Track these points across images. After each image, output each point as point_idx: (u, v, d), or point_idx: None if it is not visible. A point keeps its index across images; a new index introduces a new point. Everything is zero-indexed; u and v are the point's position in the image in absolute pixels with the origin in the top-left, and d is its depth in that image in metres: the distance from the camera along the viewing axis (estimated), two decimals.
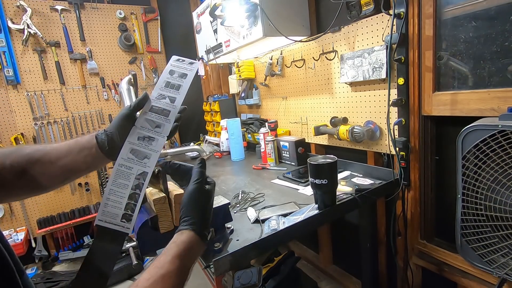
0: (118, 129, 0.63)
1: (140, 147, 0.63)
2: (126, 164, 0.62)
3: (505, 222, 0.80)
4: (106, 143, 0.61)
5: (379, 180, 1.26)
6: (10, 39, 2.21)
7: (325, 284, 1.79)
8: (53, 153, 0.60)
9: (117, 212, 0.60)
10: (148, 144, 0.63)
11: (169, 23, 2.86)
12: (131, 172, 0.61)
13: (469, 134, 0.82)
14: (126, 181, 0.61)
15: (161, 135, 0.64)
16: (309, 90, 1.65)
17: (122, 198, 0.61)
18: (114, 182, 0.61)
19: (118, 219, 0.60)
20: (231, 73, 2.48)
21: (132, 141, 0.63)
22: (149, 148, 0.63)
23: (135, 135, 0.63)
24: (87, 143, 0.62)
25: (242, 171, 1.73)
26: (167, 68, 0.70)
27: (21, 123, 2.31)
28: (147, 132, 0.64)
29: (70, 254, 2.42)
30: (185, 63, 0.72)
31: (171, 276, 0.47)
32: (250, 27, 1.42)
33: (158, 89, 0.68)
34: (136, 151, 0.63)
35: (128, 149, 0.62)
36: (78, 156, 0.61)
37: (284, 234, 0.90)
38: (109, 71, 2.62)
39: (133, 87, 1.06)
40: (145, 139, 0.63)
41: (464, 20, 0.96)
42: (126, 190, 0.61)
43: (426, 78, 1.07)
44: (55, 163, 0.60)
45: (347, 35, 1.34)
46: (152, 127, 0.65)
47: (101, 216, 0.60)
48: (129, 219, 0.60)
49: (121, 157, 0.62)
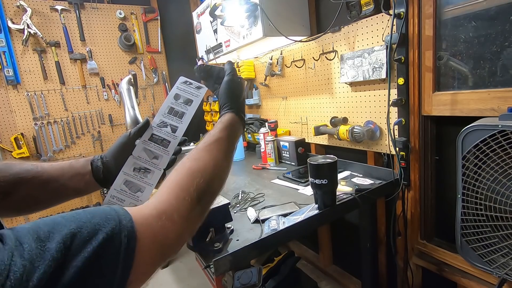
0: (115, 157, 0.62)
1: (134, 179, 0.61)
2: (118, 196, 0.60)
3: (505, 222, 0.80)
4: (101, 171, 0.61)
5: (379, 180, 1.26)
6: (10, 39, 2.21)
7: (325, 284, 1.79)
8: (44, 176, 0.58)
9: None
10: (144, 176, 0.61)
11: (169, 23, 2.86)
12: (123, 205, 0.59)
13: (469, 134, 0.82)
14: None
15: (157, 167, 0.62)
16: (309, 90, 1.65)
17: None
18: None
19: None
20: None
21: (127, 171, 0.61)
22: (144, 181, 0.61)
23: (131, 165, 0.61)
24: (81, 169, 0.60)
25: (242, 171, 1.73)
26: (173, 91, 0.68)
27: (21, 123, 2.31)
28: (143, 163, 0.62)
29: None
30: (192, 86, 0.68)
31: (223, 140, 0.56)
32: (250, 27, 1.42)
33: (161, 115, 0.66)
34: (130, 183, 0.61)
35: (122, 180, 0.60)
36: (70, 182, 0.59)
37: (284, 234, 0.90)
38: (109, 71, 2.62)
39: (133, 87, 1.06)
40: (141, 171, 0.62)
41: (464, 20, 0.96)
42: None
43: (426, 78, 1.07)
44: (44, 186, 0.58)
45: (347, 35, 1.34)
46: (149, 158, 0.62)
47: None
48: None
49: (114, 188, 0.60)
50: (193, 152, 0.53)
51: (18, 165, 0.57)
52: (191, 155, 0.53)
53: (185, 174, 0.48)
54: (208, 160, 0.52)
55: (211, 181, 0.49)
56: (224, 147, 0.56)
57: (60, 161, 0.62)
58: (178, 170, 0.49)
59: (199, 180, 0.47)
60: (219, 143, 0.55)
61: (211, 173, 0.50)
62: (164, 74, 2.86)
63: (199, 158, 0.52)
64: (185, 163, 0.51)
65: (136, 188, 0.61)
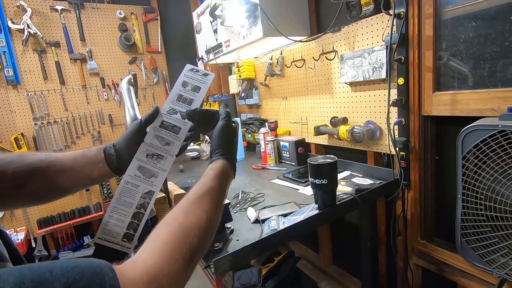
0: (127, 144, 0.62)
1: (148, 164, 0.62)
2: (132, 182, 0.60)
3: (505, 222, 0.80)
4: (115, 158, 0.61)
5: (379, 180, 1.26)
6: (10, 39, 2.21)
7: (325, 284, 1.79)
8: (57, 165, 0.58)
9: (118, 231, 0.58)
10: (157, 162, 0.62)
11: (169, 23, 2.86)
12: (137, 191, 0.60)
13: (469, 134, 0.82)
14: (131, 200, 0.60)
15: (170, 153, 0.63)
16: (309, 90, 1.65)
17: (126, 217, 0.59)
18: (118, 200, 0.60)
19: (119, 238, 0.58)
20: (231, 73, 2.48)
21: (140, 158, 0.62)
22: (157, 167, 0.62)
23: (144, 152, 0.62)
24: (94, 157, 0.60)
25: (242, 171, 1.73)
26: (180, 78, 0.68)
27: (21, 123, 2.31)
28: (156, 149, 0.63)
29: (70, 254, 2.42)
30: (199, 74, 0.69)
31: (215, 191, 0.54)
32: (250, 27, 1.42)
33: (170, 103, 0.66)
34: (143, 168, 0.61)
35: (136, 166, 0.61)
36: (83, 170, 0.60)
37: (284, 234, 0.90)
38: (109, 71, 2.62)
39: (133, 87, 1.06)
40: (154, 157, 0.62)
41: (464, 20, 0.96)
42: (131, 208, 0.60)
43: (426, 78, 1.07)
44: (58, 176, 0.58)
45: (347, 35, 1.34)
46: (161, 144, 0.63)
47: (101, 234, 0.58)
48: (130, 239, 0.59)
49: (128, 174, 0.60)
50: (185, 204, 0.50)
51: (31, 156, 0.58)
52: (183, 207, 0.50)
53: (178, 231, 0.46)
54: (201, 214, 0.49)
55: (203, 238, 0.48)
56: (216, 198, 0.54)
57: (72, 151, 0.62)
58: (171, 226, 0.46)
59: (192, 239, 0.46)
60: (211, 194, 0.53)
61: (203, 229, 0.49)
62: (164, 74, 2.86)
63: (192, 213, 0.49)
64: (176, 218, 0.48)
65: (150, 173, 0.61)
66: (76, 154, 0.61)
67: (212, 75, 0.69)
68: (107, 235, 0.58)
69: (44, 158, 0.58)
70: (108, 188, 2.64)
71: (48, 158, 0.58)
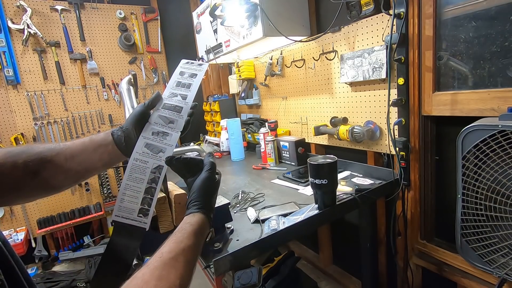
0: (133, 125, 0.63)
1: (154, 141, 0.64)
2: (141, 158, 0.62)
3: (505, 222, 0.80)
4: (123, 139, 0.61)
5: (379, 180, 1.26)
6: (10, 39, 2.21)
7: (325, 284, 1.79)
8: (67, 152, 0.59)
9: (133, 207, 0.60)
10: (163, 138, 0.64)
11: (169, 23, 2.86)
12: (147, 166, 0.62)
13: (469, 134, 0.82)
14: (142, 175, 0.61)
15: (174, 130, 0.65)
16: (309, 90, 1.65)
17: (138, 193, 0.61)
18: (129, 177, 0.61)
19: (135, 214, 0.60)
20: (231, 73, 2.48)
21: (147, 136, 0.64)
22: (164, 143, 0.64)
23: (149, 130, 0.64)
24: (102, 141, 0.61)
25: (242, 171, 1.73)
26: (177, 69, 0.72)
27: (21, 123, 2.31)
28: (160, 127, 0.65)
29: (70, 254, 2.42)
30: (194, 65, 0.74)
31: (190, 250, 0.51)
32: (250, 27, 1.42)
33: (170, 89, 0.70)
34: (150, 145, 0.63)
35: (143, 143, 0.63)
36: (93, 154, 0.60)
37: (284, 234, 0.90)
38: (109, 71, 2.62)
39: (133, 87, 1.06)
40: (159, 134, 0.64)
41: (464, 20, 0.96)
42: (142, 184, 0.61)
43: (426, 78, 1.07)
44: (69, 162, 0.59)
45: (347, 35, 1.34)
46: (165, 123, 0.65)
47: (117, 211, 0.60)
48: (146, 214, 0.61)
49: (136, 152, 0.62)
50: (158, 266, 0.46)
51: (40, 145, 0.59)
52: (156, 270, 0.46)
53: None
54: (174, 280, 0.46)
55: None
56: (191, 258, 0.51)
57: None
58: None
59: None
60: (186, 255, 0.50)
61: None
62: (164, 74, 2.86)
63: (165, 277, 0.45)
64: (148, 282, 0.44)
65: (157, 149, 0.63)
66: (84, 140, 0.62)
67: (206, 64, 0.73)
68: (123, 212, 0.60)
69: (53, 146, 0.59)
70: (108, 188, 2.64)
71: (57, 146, 0.59)
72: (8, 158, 0.54)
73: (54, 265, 2.44)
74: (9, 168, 0.53)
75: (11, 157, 0.54)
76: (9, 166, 0.53)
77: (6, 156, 0.54)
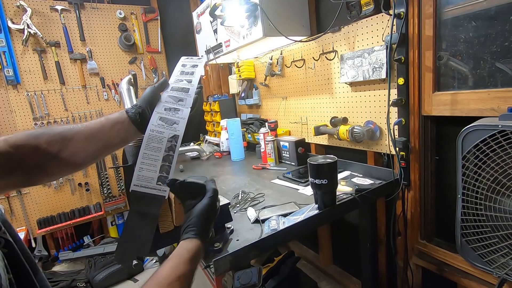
0: (146, 103, 0.66)
1: (168, 115, 0.67)
2: (157, 129, 0.65)
3: (505, 222, 0.80)
4: (138, 116, 0.64)
5: (379, 180, 1.26)
6: (10, 39, 2.21)
7: (325, 284, 1.79)
8: (86, 130, 0.62)
9: (152, 175, 0.62)
10: (175, 113, 0.68)
11: (169, 23, 2.86)
12: (163, 136, 0.64)
13: (469, 134, 0.82)
14: (159, 144, 0.64)
15: (185, 106, 0.69)
16: (309, 90, 1.65)
17: (156, 161, 0.63)
18: (147, 146, 0.63)
19: (154, 183, 0.61)
20: (231, 73, 2.48)
21: (160, 111, 0.67)
22: (176, 116, 0.67)
23: (162, 107, 0.68)
24: (118, 118, 0.64)
25: (242, 171, 1.73)
26: (179, 63, 0.79)
27: (21, 123, 2.31)
28: (172, 104, 0.69)
29: (70, 254, 2.42)
30: (194, 58, 0.81)
31: (186, 277, 0.52)
32: (250, 27, 1.42)
33: (174, 76, 0.76)
34: (165, 118, 0.66)
35: (157, 117, 0.66)
36: (111, 131, 0.63)
37: (284, 234, 0.90)
38: (109, 71, 2.62)
39: (133, 87, 1.06)
40: (171, 110, 0.68)
41: (464, 20, 0.96)
42: (160, 152, 0.63)
43: (426, 78, 1.07)
44: (89, 139, 0.61)
45: (347, 35, 1.34)
46: (175, 101, 0.70)
47: (136, 181, 0.61)
48: (164, 181, 0.62)
49: (151, 124, 0.65)
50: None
51: (59, 127, 0.62)
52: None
53: None
54: None
55: None
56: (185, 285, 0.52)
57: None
58: None
59: None
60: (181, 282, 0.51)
61: None
62: (164, 74, 2.86)
63: None
64: None
65: (171, 121, 0.66)
66: (101, 119, 0.64)
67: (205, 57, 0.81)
68: (142, 180, 0.61)
69: (72, 126, 0.62)
70: (108, 188, 2.64)
71: (76, 126, 0.62)
72: (30, 139, 0.56)
73: (54, 265, 2.44)
74: (32, 148, 0.56)
75: (33, 139, 0.57)
76: (32, 147, 0.56)
77: (28, 138, 0.56)
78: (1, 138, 0.54)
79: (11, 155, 0.53)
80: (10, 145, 0.54)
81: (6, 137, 0.55)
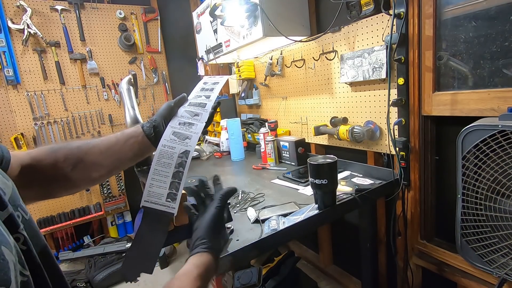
0: (162, 118, 0.67)
1: (181, 130, 0.68)
2: (169, 145, 0.65)
3: (505, 222, 0.80)
4: (152, 130, 0.65)
5: (379, 180, 1.25)
6: (10, 39, 2.21)
7: (325, 284, 1.79)
8: (102, 144, 0.63)
9: (162, 192, 0.62)
10: (189, 127, 0.68)
11: (169, 23, 2.86)
12: (174, 152, 0.65)
13: (469, 134, 0.82)
14: (170, 160, 0.64)
15: (200, 121, 0.70)
16: (309, 90, 1.65)
17: (167, 177, 0.63)
18: (158, 162, 0.64)
19: (164, 199, 0.62)
20: (231, 73, 2.48)
21: (174, 125, 0.68)
22: (190, 131, 0.68)
23: (176, 121, 0.69)
24: (133, 132, 0.65)
25: (242, 171, 1.73)
26: (201, 81, 0.82)
27: (21, 123, 2.31)
28: (187, 119, 0.70)
29: (70, 254, 2.42)
30: (216, 77, 0.83)
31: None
32: (250, 27, 1.42)
33: (194, 93, 0.77)
34: (177, 133, 0.67)
35: (170, 132, 0.67)
36: (125, 145, 0.64)
37: (284, 234, 0.90)
38: (109, 71, 2.62)
39: (133, 87, 1.06)
40: (186, 124, 0.69)
41: (464, 20, 0.96)
42: (170, 168, 0.63)
43: (426, 78, 1.07)
44: (104, 153, 0.62)
45: (347, 35, 1.34)
46: (191, 115, 0.71)
47: (146, 197, 0.62)
48: (173, 199, 0.62)
49: (164, 139, 0.66)
50: None
51: (76, 141, 0.63)
52: None
53: None
54: None
55: None
56: None
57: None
58: None
59: None
60: None
61: None
62: (164, 74, 2.86)
63: None
64: None
65: (184, 136, 0.67)
66: (116, 134, 0.66)
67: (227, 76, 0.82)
68: (152, 197, 0.62)
69: (88, 141, 0.63)
70: (108, 189, 2.64)
71: (92, 141, 0.64)
72: (50, 154, 0.58)
73: None
74: (50, 162, 0.57)
75: (53, 153, 0.58)
76: (51, 160, 0.58)
77: (48, 152, 0.58)
78: (25, 151, 0.57)
79: (32, 167, 0.55)
80: (32, 158, 0.56)
81: (30, 151, 0.57)
